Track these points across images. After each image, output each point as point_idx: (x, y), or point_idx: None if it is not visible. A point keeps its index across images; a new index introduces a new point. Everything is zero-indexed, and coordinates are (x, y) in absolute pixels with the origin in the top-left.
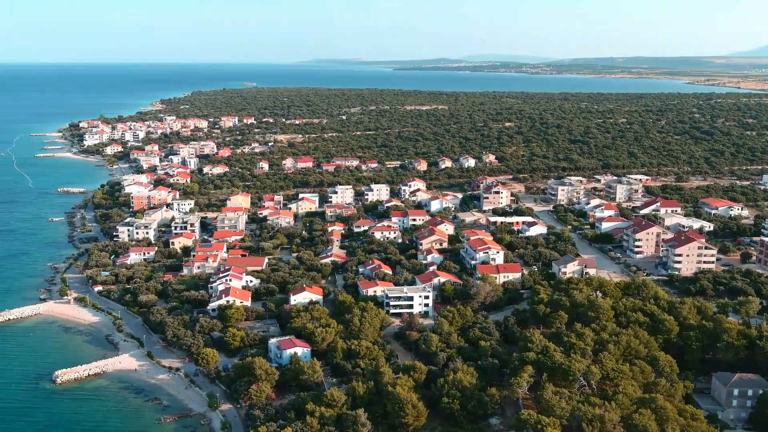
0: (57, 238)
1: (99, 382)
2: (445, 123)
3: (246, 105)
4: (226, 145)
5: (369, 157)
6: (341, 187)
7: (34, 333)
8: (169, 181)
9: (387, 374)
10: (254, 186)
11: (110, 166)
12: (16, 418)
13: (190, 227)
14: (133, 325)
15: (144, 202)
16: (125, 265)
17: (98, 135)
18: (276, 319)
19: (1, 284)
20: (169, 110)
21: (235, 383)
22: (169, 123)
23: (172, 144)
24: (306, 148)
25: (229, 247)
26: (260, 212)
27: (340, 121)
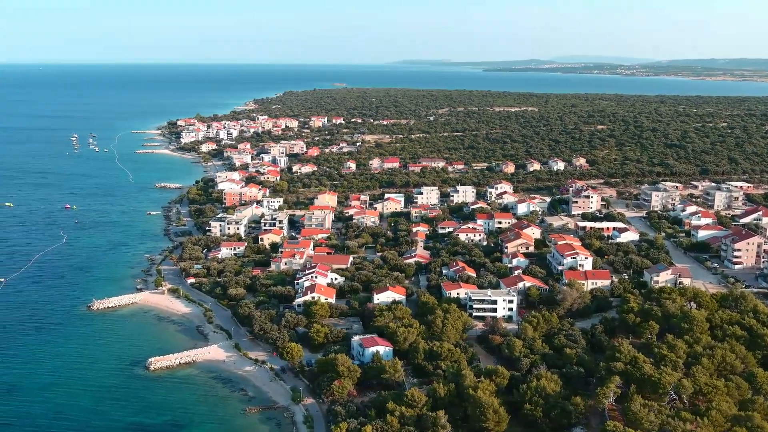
0: (154, 231)
1: (189, 370)
2: (534, 125)
3: (335, 105)
4: (315, 144)
5: (455, 159)
6: (427, 188)
7: (131, 321)
8: (259, 178)
9: (468, 377)
10: (341, 185)
11: (205, 163)
12: (113, 400)
13: (278, 224)
14: (223, 317)
15: (236, 198)
16: (216, 259)
17: (194, 133)
18: (359, 317)
19: (103, 273)
20: (262, 110)
21: (318, 378)
22: (261, 122)
23: (263, 143)
24: (393, 148)
25: (315, 245)
26: (346, 211)
27: (428, 122)
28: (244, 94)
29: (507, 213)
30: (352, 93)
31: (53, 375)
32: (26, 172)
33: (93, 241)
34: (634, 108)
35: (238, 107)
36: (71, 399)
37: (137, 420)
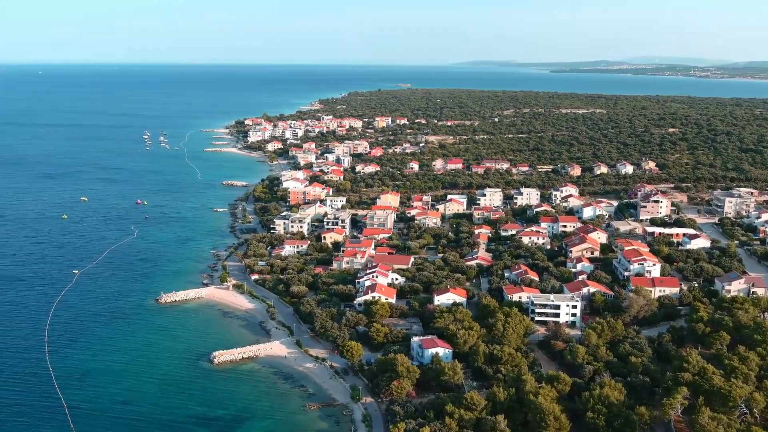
0: (220, 228)
1: (252, 365)
2: (602, 127)
3: (399, 106)
4: (379, 144)
5: (520, 161)
6: (490, 190)
7: (197, 315)
8: (323, 178)
9: (529, 382)
10: (404, 186)
11: (270, 162)
12: (178, 391)
13: (341, 223)
14: (285, 314)
15: (300, 197)
16: (280, 257)
17: (261, 132)
18: (419, 317)
19: (171, 267)
20: (327, 110)
21: (377, 378)
22: (326, 122)
23: (327, 142)
24: (456, 149)
25: (377, 245)
26: (408, 212)
27: (492, 123)
28: (310, 95)
29: (572, 216)
30: (417, 93)
31: (122, 364)
32: (101, 168)
33: (162, 236)
34: (707, 111)
35: (303, 107)
36: (138, 388)
37: (201, 411)
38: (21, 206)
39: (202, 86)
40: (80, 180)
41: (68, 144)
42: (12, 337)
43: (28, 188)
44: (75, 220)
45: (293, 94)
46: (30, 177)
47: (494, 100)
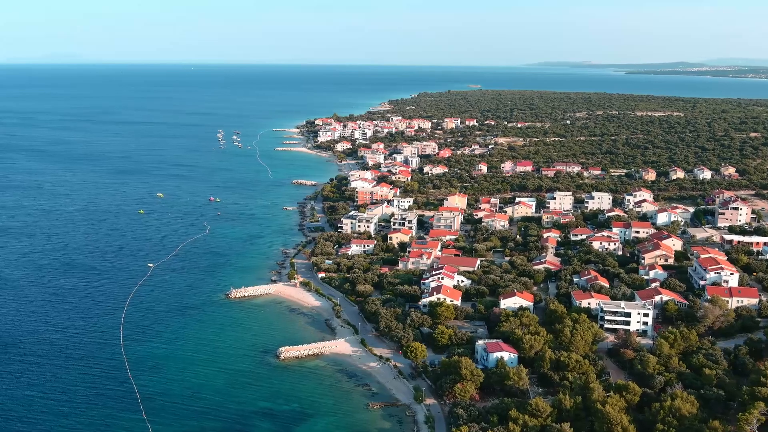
0: (289, 226)
1: (316, 362)
2: (679, 131)
3: (469, 107)
4: (447, 145)
5: (592, 164)
6: (560, 193)
7: (264, 311)
8: (391, 178)
9: (597, 391)
10: (471, 187)
11: (339, 161)
12: (245, 384)
13: (407, 224)
14: (350, 312)
15: (367, 197)
16: (346, 255)
17: (330, 132)
18: (484, 321)
19: (241, 263)
20: (396, 110)
21: (441, 380)
22: (394, 123)
23: (396, 143)
24: (526, 151)
25: (443, 246)
26: (476, 214)
27: (564, 125)
28: (380, 95)
29: (645, 222)
30: (487, 95)
31: (192, 356)
32: (176, 166)
33: (233, 233)
34: None
35: (373, 108)
36: (207, 380)
37: (266, 406)
38: (101, 200)
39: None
40: (157, 176)
41: (145, 141)
42: (91, 325)
43: (108, 183)
44: (151, 215)
45: (363, 94)
46: (108, 172)
47: (566, 101)
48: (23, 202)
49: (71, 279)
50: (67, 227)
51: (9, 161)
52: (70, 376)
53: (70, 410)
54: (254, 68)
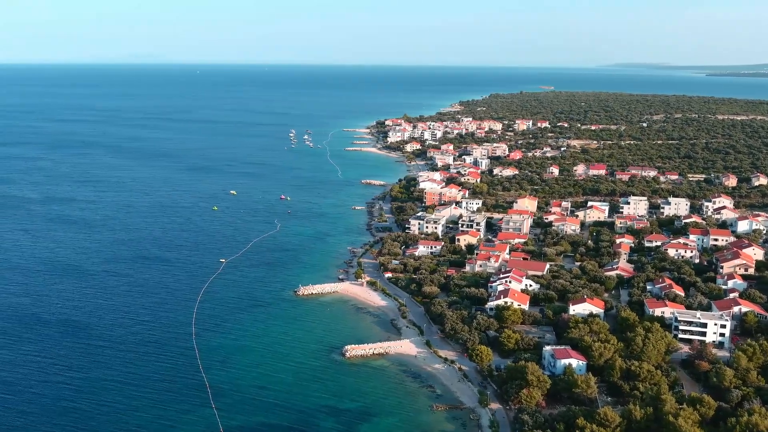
0: (357, 225)
1: (381, 361)
2: (763, 135)
3: (541, 108)
4: (518, 147)
5: (669, 168)
6: (634, 198)
7: (331, 309)
8: (460, 179)
9: (669, 403)
10: (542, 190)
11: (408, 162)
12: (311, 381)
13: (476, 226)
14: (416, 313)
15: (435, 198)
16: (413, 256)
17: (400, 133)
18: (552, 326)
19: (309, 261)
20: (466, 111)
21: (506, 384)
22: (465, 124)
23: (466, 144)
24: (600, 154)
25: (511, 249)
26: (546, 217)
27: (640, 128)
28: (450, 96)
29: (725, 230)
30: (560, 96)
31: (260, 351)
32: (248, 164)
33: (302, 231)
34: None
35: (443, 108)
36: (275, 375)
37: (332, 403)
38: (177, 196)
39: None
40: (230, 174)
41: (219, 139)
42: (165, 316)
43: (183, 180)
44: (225, 212)
45: (434, 95)
46: (183, 169)
47: (643, 104)
48: (105, 196)
49: (148, 271)
50: (145, 221)
51: (91, 157)
52: (144, 364)
53: (143, 397)
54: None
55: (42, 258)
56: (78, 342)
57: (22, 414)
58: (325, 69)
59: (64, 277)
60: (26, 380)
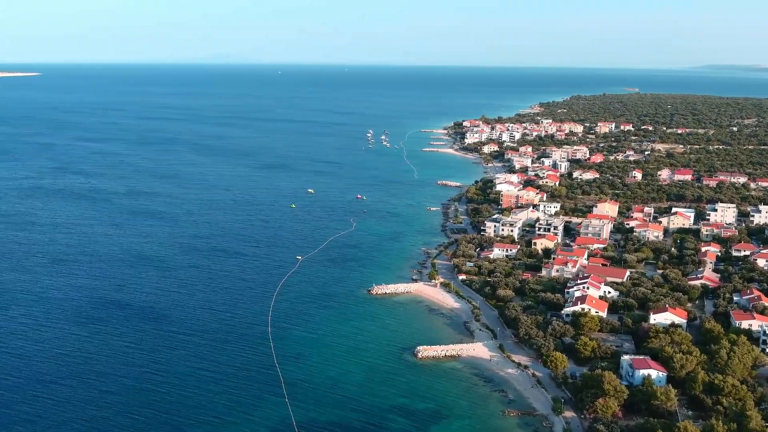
0: (432, 226)
1: (453, 364)
2: None
3: (625, 111)
4: (599, 150)
5: (760, 175)
6: (722, 205)
7: (404, 309)
8: (538, 182)
9: (755, 419)
10: (624, 195)
11: (485, 164)
12: (383, 380)
13: (553, 230)
14: (489, 316)
15: (512, 200)
16: (488, 259)
17: (478, 134)
18: (631, 335)
19: (384, 260)
20: (546, 113)
21: (582, 393)
22: (544, 126)
23: (545, 146)
24: (686, 159)
25: (590, 255)
26: (627, 222)
27: (730, 132)
28: (530, 97)
29: None
30: (645, 99)
31: (334, 348)
32: (326, 163)
33: (377, 230)
34: None
35: (523, 110)
36: (347, 372)
37: (402, 403)
38: (257, 193)
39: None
40: (307, 173)
41: (298, 138)
42: (242, 309)
43: (262, 177)
44: (302, 210)
45: (513, 96)
46: (262, 167)
47: (734, 107)
48: (188, 192)
49: (228, 265)
50: (226, 217)
51: (175, 153)
52: (222, 354)
53: (220, 386)
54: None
55: (128, 249)
56: (159, 330)
57: (107, 394)
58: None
59: (149, 268)
60: (111, 364)
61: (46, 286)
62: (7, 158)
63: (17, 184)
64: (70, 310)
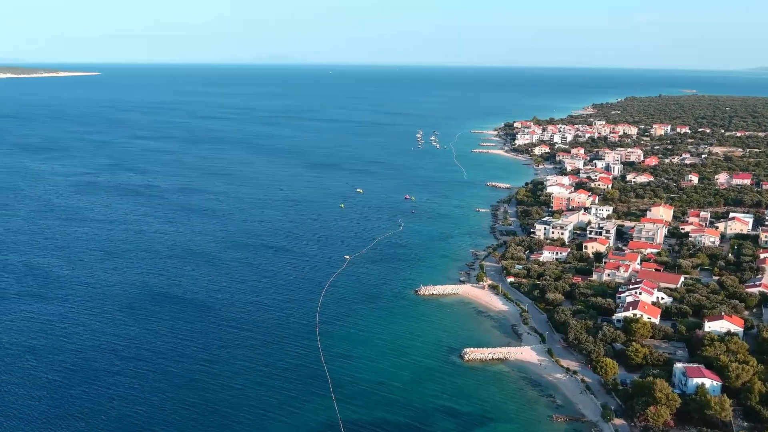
0: (480, 228)
1: (500, 367)
2: None
3: (681, 113)
4: (654, 153)
5: None
6: None
7: (451, 310)
8: (589, 185)
9: None
10: (679, 199)
11: (536, 165)
12: (429, 381)
13: (605, 233)
14: (538, 320)
15: (563, 203)
16: (537, 262)
17: (529, 135)
18: (684, 343)
19: (431, 261)
20: (600, 115)
21: (632, 400)
22: (597, 127)
23: (597, 148)
24: (745, 163)
25: (643, 259)
26: (682, 227)
27: None
28: (583, 99)
29: None
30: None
31: (380, 347)
32: (375, 163)
33: (425, 231)
34: None
35: (575, 111)
36: (393, 372)
37: (449, 404)
38: (307, 192)
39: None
40: (356, 172)
41: (347, 138)
42: (291, 306)
43: (313, 177)
44: (351, 209)
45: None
46: (312, 166)
47: None
48: (239, 189)
49: (277, 262)
50: (277, 215)
51: (226, 152)
52: (269, 350)
53: (268, 382)
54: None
55: (181, 245)
56: (209, 324)
57: (157, 389)
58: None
59: (201, 263)
60: (162, 357)
61: (101, 278)
62: (66, 155)
63: (75, 180)
64: (125, 303)
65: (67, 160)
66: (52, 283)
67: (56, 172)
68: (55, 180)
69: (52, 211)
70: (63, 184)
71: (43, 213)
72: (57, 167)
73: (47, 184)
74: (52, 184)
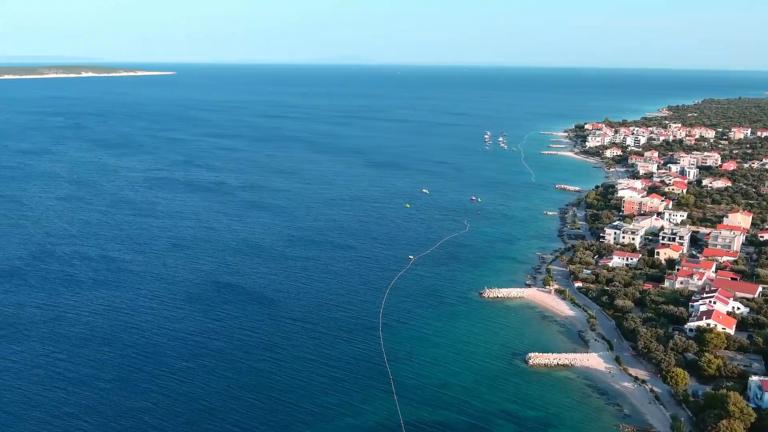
0: (548, 231)
1: (566, 373)
2: None
3: (763, 116)
4: (733, 158)
5: None
6: None
7: (516, 314)
8: (663, 189)
9: None
10: (758, 205)
11: (607, 168)
12: (491, 385)
13: (678, 240)
14: (606, 326)
15: (635, 207)
16: (606, 267)
17: (600, 137)
18: (761, 355)
19: (496, 264)
20: (675, 117)
21: (704, 413)
22: (672, 130)
23: (672, 152)
24: None
25: (718, 267)
26: (761, 235)
27: None
28: (658, 100)
29: None
30: None
31: (443, 349)
32: (442, 163)
33: (491, 233)
34: None
35: (649, 113)
36: (454, 374)
37: (511, 409)
38: (374, 192)
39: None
40: (423, 173)
41: (414, 139)
42: (355, 304)
43: (378, 176)
44: (416, 209)
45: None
46: (377, 166)
47: None
48: (307, 188)
49: (343, 260)
50: (344, 213)
51: (293, 150)
52: (333, 347)
53: (331, 378)
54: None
55: (248, 240)
56: (275, 318)
57: (224, 379)
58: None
59: (267, 259)
60: (229, 349)
61: (171, 271)
62: (141, 151)
63: (149, 176)
64: (194, 295)
65: (142, 156)
66: (126, 274)
67: (131, 167)
68: (130, 175)
69: (126, 205)
70: (137, 180)
71: (118, 207)
72: (132, 163)
73: (122, 179)
74: (127, 179)
